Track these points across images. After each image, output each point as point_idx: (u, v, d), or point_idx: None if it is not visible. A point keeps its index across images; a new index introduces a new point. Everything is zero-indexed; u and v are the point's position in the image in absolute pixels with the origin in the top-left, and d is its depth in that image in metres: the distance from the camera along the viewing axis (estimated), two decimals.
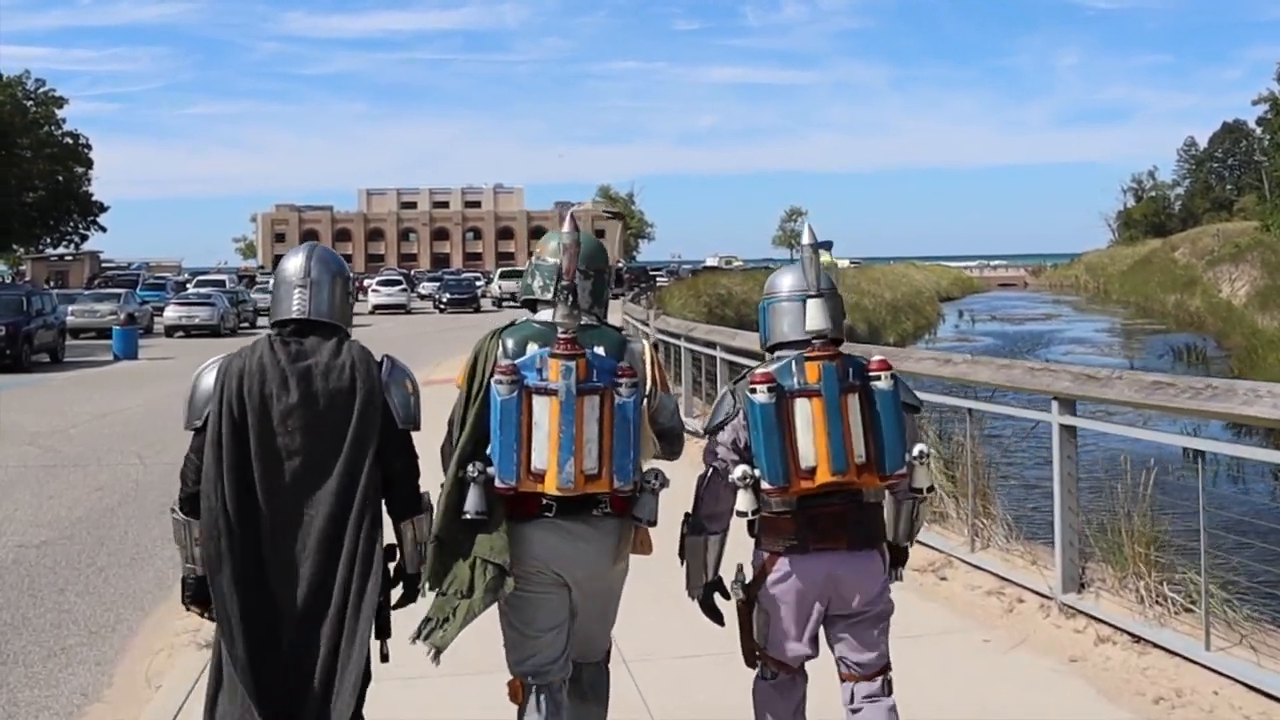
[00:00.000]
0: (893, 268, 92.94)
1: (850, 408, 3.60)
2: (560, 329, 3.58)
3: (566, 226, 3.75)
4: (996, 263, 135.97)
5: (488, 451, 3.59)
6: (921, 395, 8.18)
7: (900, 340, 48.81)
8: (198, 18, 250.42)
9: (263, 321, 46.90)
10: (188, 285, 54.36)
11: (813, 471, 3.58)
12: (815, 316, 3.66)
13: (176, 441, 14.78)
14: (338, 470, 3.48)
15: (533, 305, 3.94)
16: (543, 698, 3.69)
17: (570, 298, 3.60)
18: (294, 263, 3.73)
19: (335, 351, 3.58)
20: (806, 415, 3.58)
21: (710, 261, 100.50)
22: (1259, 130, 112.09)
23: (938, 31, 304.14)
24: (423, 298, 64.51)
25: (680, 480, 3.92)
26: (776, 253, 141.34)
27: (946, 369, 7.38)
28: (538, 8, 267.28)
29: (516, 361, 3.61)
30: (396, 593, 3.78)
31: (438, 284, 64.60)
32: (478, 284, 65.45)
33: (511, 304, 59.87)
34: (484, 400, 3.61)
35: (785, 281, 3.90)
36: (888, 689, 3.80)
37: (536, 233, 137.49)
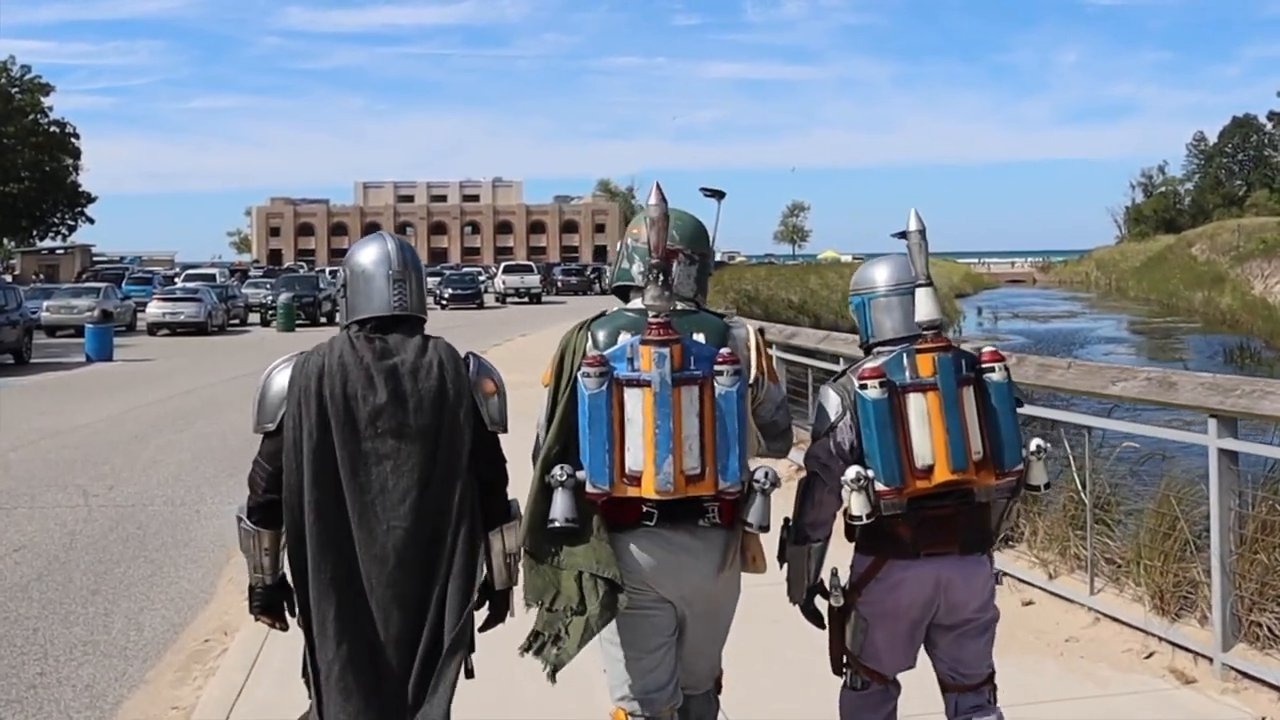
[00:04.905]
0: None
1: (966, 401, 3.41)
2: (651, 313, 3.31)
3: (653, 199, 3.39)
4: (999, 259, 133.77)
5: (579, 454, 3.34)
6: None
7: None
8: (197, 11, 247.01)
9: (253, 318, 44.62)
10: (176, 280, 51.56)
11: (929, 470, 3.37)
12: (926, 306, 3.44)
13: (133, 471, 11.86)
14: (434, 476, 3.26)
15: (624, 293, 3.67)
16: None
17: (661, 277, 3.32)
18: (379, 253, 3.44)
19: (421, 349, 3.34)
20: (921, 411, 3.38)
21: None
22: (1269, 125, 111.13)
23: (940, 28, 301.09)
24: None
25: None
26: (778, 248, 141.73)
27: None
28: (538, 3, 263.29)
29: (605, 352, 3.34)
30: (481, 614, 3.50)
31: (438, 279, 61.84)
32: (480, 279, 62.10)
33: (515, 299, 57.56)
34: (570, 397, 3.36)
35: (881, 274, 3.70)
36: (993, 698, 3.64)
37: (536, 227, 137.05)
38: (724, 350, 3.33)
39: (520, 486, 3.47)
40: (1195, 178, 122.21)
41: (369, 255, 3.44)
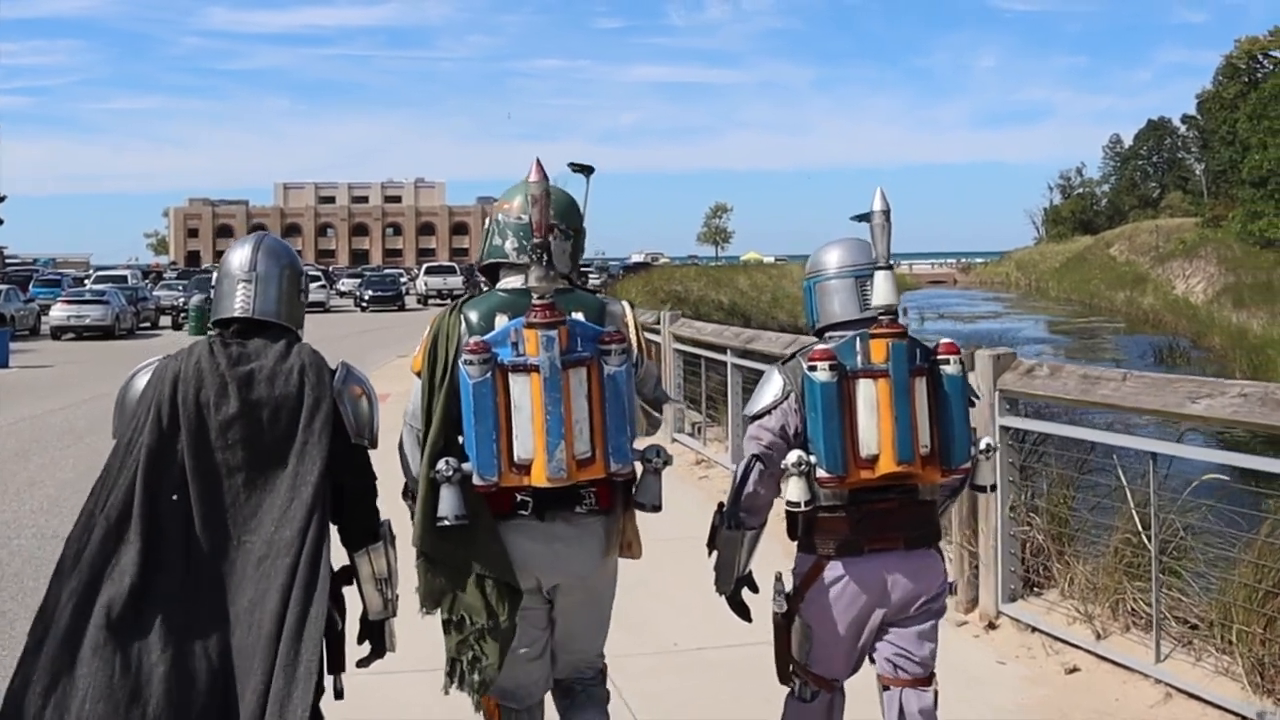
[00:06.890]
0: None
1: (918, 392, 3.30)
2: (535, 294, 3.17)
3: (534, 175, 3.25)
4: (920, 260, 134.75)
5: (462, 444, 3.23)
6: None
7: None
8: (118, 10, 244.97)
9: (165, 321, 42.99)
10: (86, 281, 49.55)
11: (874, 460, 3.28)
12: (884, 290, 3.32)
13: (5, 495, 9.35)
14: (283, 488, 3.12)
15: (494, 272, 3.53)
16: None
17: (545, 257, 3.18)
18: (239, 255, 3.39)
19: (283, 355, 3.24)
20: (870, 398, 3.29)
21: (636, 258, 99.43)
22: (1183, 128, 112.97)
23: (860, 32, 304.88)
24: (342, 295, 61.03)
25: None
26: (701, 250, 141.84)
27: None
28: (461, 4, 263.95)
29: (486, 337, 3.20)
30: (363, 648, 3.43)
31: (359, 280, 60.75)
32: (402, 281, 60.79)
33: (438, 301, 56.22)
34: (451, 386, 3.25)
35: (833, 257, 3.58)
36: (933, 686, 3.52)
37: (459, 228, 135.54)
38: (609, 330, 3.26)
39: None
40: (1111, 179, 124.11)
41: (231, 256, 3.37)
